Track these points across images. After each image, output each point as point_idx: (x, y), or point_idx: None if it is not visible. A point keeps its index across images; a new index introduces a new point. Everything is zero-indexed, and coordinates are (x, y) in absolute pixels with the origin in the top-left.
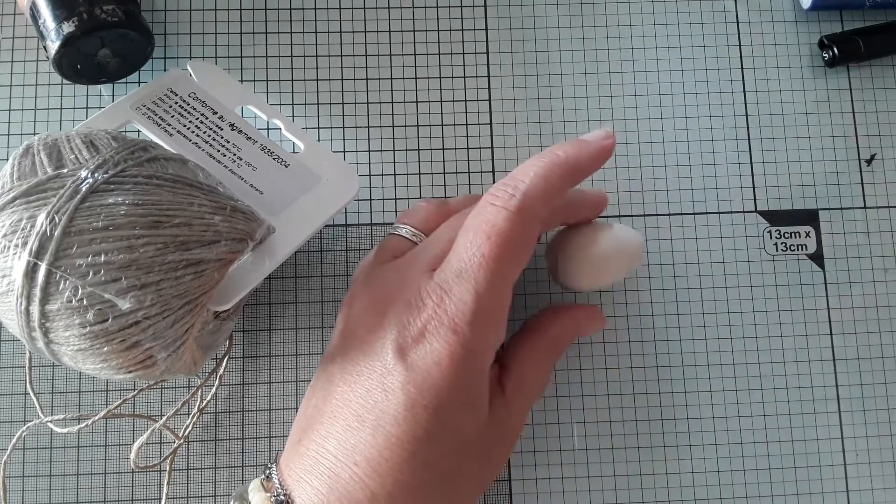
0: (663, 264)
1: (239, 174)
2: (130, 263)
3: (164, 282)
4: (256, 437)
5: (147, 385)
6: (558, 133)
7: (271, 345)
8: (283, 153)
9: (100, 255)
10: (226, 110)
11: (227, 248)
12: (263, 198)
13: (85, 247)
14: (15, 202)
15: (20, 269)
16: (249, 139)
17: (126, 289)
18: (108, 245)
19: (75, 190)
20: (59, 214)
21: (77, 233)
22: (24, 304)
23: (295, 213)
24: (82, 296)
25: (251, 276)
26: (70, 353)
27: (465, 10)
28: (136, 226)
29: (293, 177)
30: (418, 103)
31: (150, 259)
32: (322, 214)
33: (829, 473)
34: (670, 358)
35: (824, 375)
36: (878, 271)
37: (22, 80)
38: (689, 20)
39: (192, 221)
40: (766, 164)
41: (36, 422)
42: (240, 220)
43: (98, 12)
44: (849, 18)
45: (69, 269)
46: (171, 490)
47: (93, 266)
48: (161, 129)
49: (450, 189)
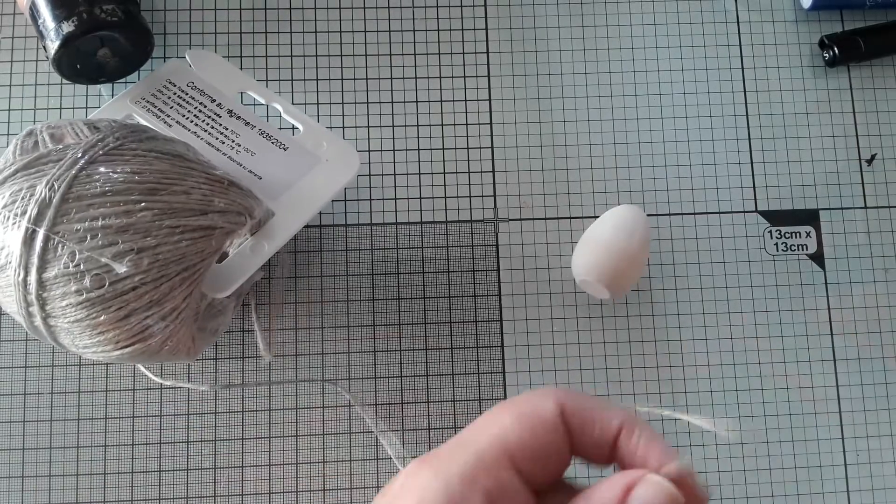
0: (663, 264)
1: (238, 161)
2: (128, 227)
3: (160, 246)
4: (256, 437)
5: (163, 383)
6: (558, 133)
7: (271, 345)
8: (283, 136)
9: (97, 219)
10: (224, 97)
11: (224, 219)
12: (263, 182)
13: (83, 212)
14: (16, 175)
15: (18, 238)
16: (248, 125)
17: (123, 252)
18: (105, 210)
19: (74, 160)
20: (59, 182)
21: (76, 199)
22: (21, 275)
23: (295, 197)
24: (79, 261)
25: (251, 261)
26: (66, 327)
27: (465, 10)
28: (134, 192)
29: (292, 160)
30: (418, 103)
31: (148, 224)
32: (322, 196)
33: (829, 473)
34: (670, 358)
35: (824, 375)
36: (878, 271)
37: (22, 79)
38: (689, 20)
39: (190, 191)
40: (767, 163)
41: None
42: (237, 194)
43: (98, 12)
44: (849, 18)
45: (67, 235)
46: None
47: (90, 230)
48: (160, 120)
49: (450, 189)
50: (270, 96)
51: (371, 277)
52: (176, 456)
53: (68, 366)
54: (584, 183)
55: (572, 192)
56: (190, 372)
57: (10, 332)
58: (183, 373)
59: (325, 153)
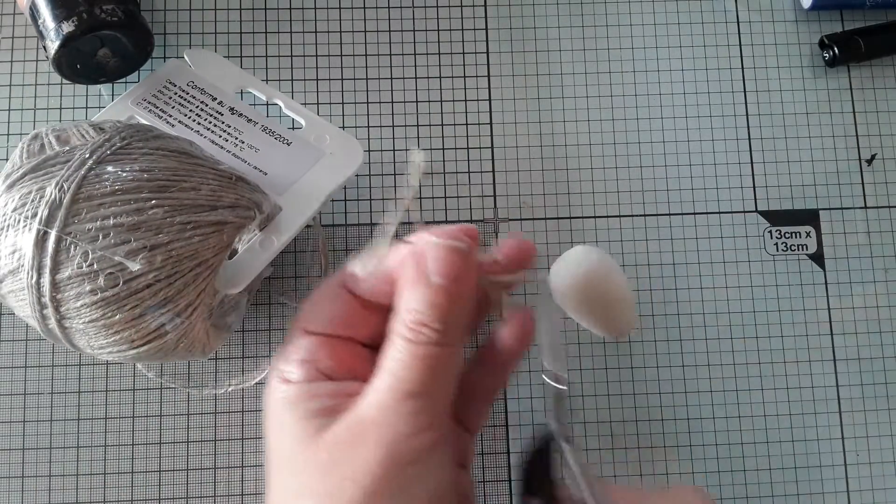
0: (663, 264)
1: (242, 157)
2: (139, 225)
3: (173, 243)
4: (256, 437)
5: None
6: (558, 133)
7: (271, 345)
8: (285, 132)
9: (109, 218)
10: (225, 95)
11: (234, 214)
12: (268, 178)
13: (94, 211)
14: (24, 178)
15: (30, 241)
16: (250, 121)
17: (136, 250)
18: (116, 208)
19: (83, 161)
20: (68, 183)
21: (86, 199)
22: (34, 278)
23: (300, 190)
24: (92, 260)
25: (261, 256)
26: (82, 328)
27: (465, 10)
28: (143, 189)
29: (296, 154)
30: (418, 103)
31: (160, 221)
32: (326, 188)
33: (829, 473)
34: (670, 358)
35: (824, 375)
36: (878, 271)
37: (22, 79)
38: (689, 20)
39: (199, 187)
40: (767, 164)
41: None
42: (245, 189)
43: (98, 12)
44: (849, 18)
45: (79, 235)
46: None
47: (102, 229)
48: (163, 120)
49: (450, 189)
50: (271, 92)
51: None
52: (176, 456)
53: (68, 366)
54: (584, 183)
55: (572, 192)
56: (190, 372)
57: (11, 332)
58: (183, 373)
59: (328, 146)
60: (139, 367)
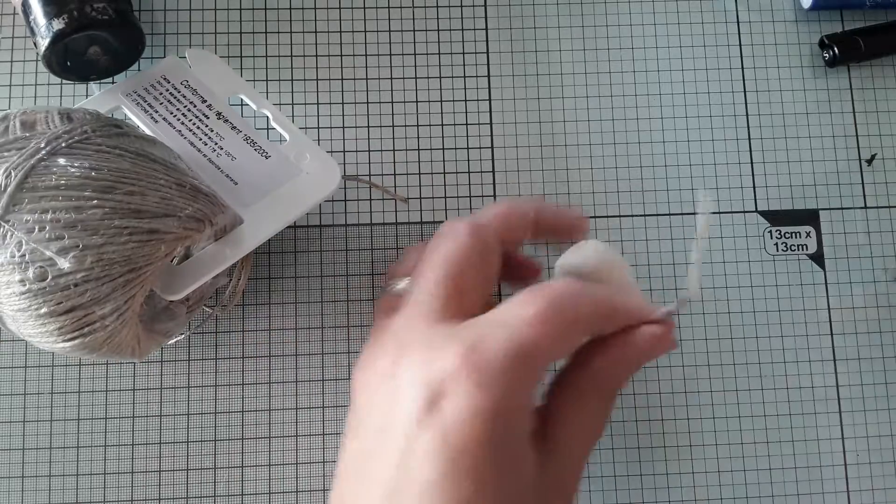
0: (664, 264)
1: (217, 163)
2: (76, 223)
3: (106, 245)
4: (256, 437)
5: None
6: (558, 133)
7: (271, 345)
8: (267, 144)
9: (47, 212)
10: (216, 99)
11: (180, 224)
12: (237, 188)
13: (35, 203)
14: None
15: None
16: (234, 129)
17: (68, 248)
18: (56, 203)
19: (36, 150)
20: (17, 171)
21: (30, 189)
22: None
23: (268, 206)
24: (25, 251)
25: (209, 267)
26: (11, 314)
27: (465, 10)
28: (88, 188)
29: (272, 169)
30: (418, 103)
31: (97, 222)
32: (296, 209)
33: (829, 473)
34: (670, 358)
35: (824, 375)
36: (878, 271)
37: (22, 79)
38: (689, 20)
39: (147, 192)
40: (767, 163)
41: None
42: (199, 200)
43: (88, 10)
44: (849, 18)
45: (16, 224)
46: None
47: (39, 222)
48: (148, 115)
49: (450, 189)
50: (262, 102)
51: (371, 277)
52: (176, 456)
53: (68, 366)
54: (584, 183)
55: (572, 192)
56: (190, 372)
57: (11, 333)
58: (183, 373)
59: (306, 165)
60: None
